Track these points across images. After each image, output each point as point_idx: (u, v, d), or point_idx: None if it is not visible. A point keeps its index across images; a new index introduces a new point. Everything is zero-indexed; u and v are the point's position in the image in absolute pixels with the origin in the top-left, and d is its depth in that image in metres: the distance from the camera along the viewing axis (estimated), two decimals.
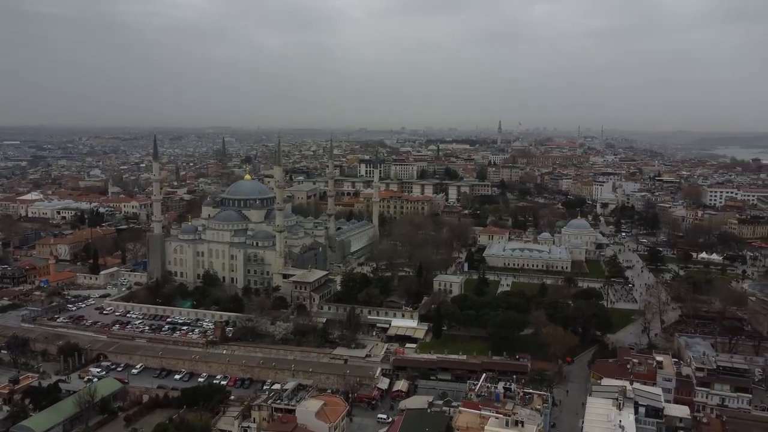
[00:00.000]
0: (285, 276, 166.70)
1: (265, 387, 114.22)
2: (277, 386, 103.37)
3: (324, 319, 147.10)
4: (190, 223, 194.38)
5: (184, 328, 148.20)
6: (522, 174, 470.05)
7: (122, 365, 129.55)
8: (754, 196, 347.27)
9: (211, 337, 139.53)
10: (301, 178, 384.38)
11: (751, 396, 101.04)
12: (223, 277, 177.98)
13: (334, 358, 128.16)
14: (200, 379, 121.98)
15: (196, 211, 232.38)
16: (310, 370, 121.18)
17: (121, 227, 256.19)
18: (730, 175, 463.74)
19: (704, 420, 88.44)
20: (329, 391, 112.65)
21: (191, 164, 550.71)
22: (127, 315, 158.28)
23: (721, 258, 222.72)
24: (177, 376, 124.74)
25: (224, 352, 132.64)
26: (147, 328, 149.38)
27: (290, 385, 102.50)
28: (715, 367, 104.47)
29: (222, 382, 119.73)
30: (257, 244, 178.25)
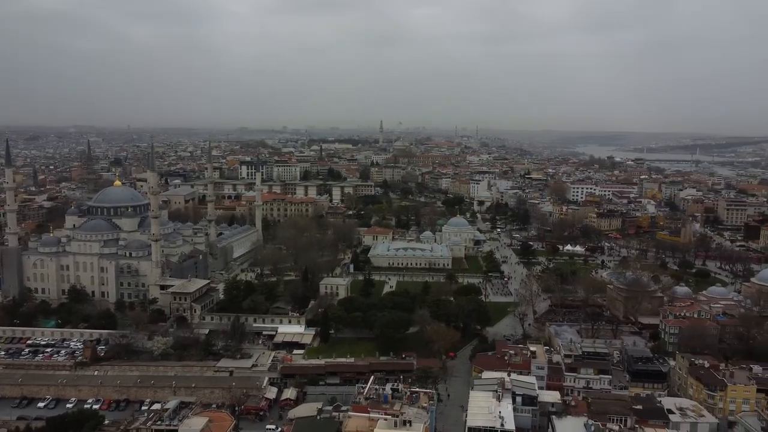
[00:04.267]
0: (163, 287, 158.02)
1: (143, 408, 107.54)
2: (157, 406, 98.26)
3: (207, 331, 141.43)
4: (52, 235, 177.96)
5: (48, 350, 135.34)
6: (404, 173, 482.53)
7: None
8: (609, 191, 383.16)
9: (80, 357, 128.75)
10: (177, 181, 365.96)
11: (610, 377, 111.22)
12: (93, 292, 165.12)
13: (218, 370, 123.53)
14: (69, 405, 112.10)
15: (58, 220, 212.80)
16: (193, 385, 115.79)
17: None
18: (589, 172, 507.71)
19: (572, 403, 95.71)
20: (214, 406, 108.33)
21: (51, 167, 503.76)
22: None
23: (583, 249, 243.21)
24: (41, 404, 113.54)
25: (96, 373, 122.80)
26: (3, 353, 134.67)
27: (171, 403, 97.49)
28: (580, 353, 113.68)
29: (94, 407, 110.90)
30: (130, 254, 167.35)
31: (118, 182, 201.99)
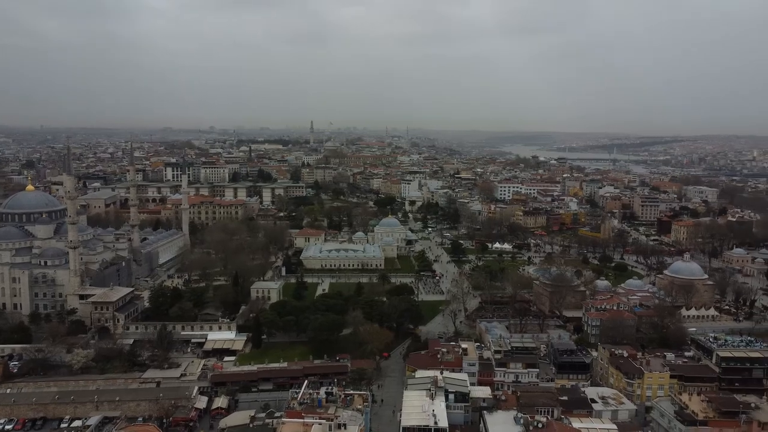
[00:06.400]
0: (82, 297, 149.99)
1: (62, 425, 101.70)
2: (77, 423, 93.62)
3: (131, 341, 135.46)
4: None
5: None
6: (335, 174, 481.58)
7: None
8: (534, 189, 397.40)
9: None
10: (97, 184, 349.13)
11: (538, 370, 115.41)
12: (4, 304, 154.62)
13: (144, 382, 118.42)
14: None
15: None
16: (117, 399, 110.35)
17: None
18: (515, 171, 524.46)
19: (503, 397, 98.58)
20: (141, 419, 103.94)
21: None
22: None
23: (511, 247, 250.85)
24: None
25: (8, 391, 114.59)
26: None
27: (93, 419, 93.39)
28: (509, 349, 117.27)
29: (6, 427, 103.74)
30: (46, 263, 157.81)
31: (30, 186, 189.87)
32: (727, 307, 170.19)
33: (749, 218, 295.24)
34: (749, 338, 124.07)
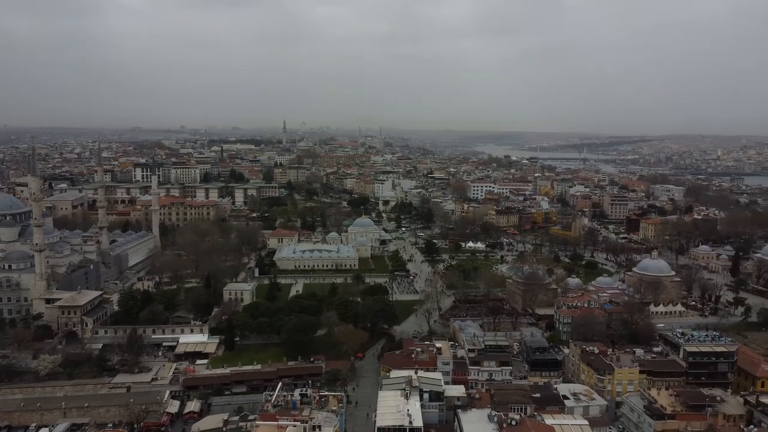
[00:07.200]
0: (48, 301, 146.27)
1: None
2: (44, 430, 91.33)
3: (100, 345, 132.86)
4: None
5: None
6: (308, 174, 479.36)
7: None
8: (507, 189, 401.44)
9: None
10: (63, 185, 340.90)
11: (511, 368, 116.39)
12: None
13: (114, 387, 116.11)
14: None
15: None
16: (86, 405, 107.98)
17: None
18: (488, 171, 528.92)
19: (477, 396, 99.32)
20: (111, 425, 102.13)
21: None
22: None
23: (484, 246, 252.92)
24: None
25: None
26: None
27: (61, 426, 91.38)
28: (483, 347, 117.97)
29: None
30: (10, 267, 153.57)
31: None
32: (693, 303, 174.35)
33: (714, 216, 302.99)
34: (715, 333, 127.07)
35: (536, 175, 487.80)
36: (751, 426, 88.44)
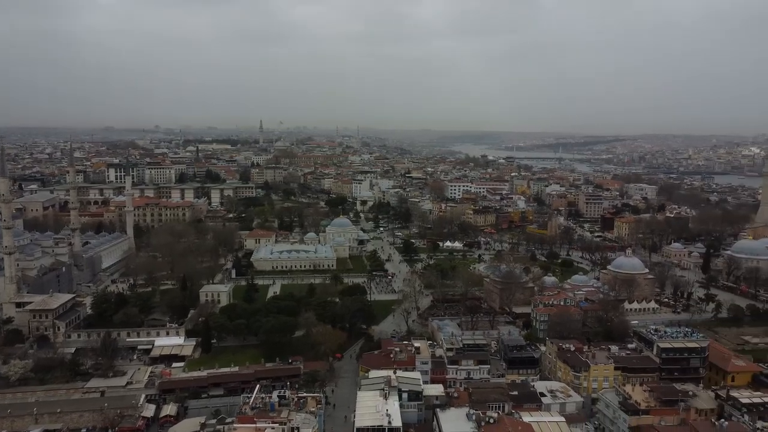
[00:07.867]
0: (19, 305, 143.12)
1: None
2: None
3: (73, 350, 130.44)
4: None
5: None
6: (285, 174, 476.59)
7: None
8: (483, 188, 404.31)
9: None
10: (34, 186, 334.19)
11: (489, 366, 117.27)
12: None
13: (87, 391, 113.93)
14: None
15: None
16: (59, 410, 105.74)
17: None
18: (465, 171, 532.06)
19: (455, 394, 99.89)
20: (84, 430, 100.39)
21: None
22: None
23: (461, 245, 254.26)
24: None
25: None
26: None
27: None
28: (461, 346, 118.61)
29: None
30: None
31: None
32: (666, 299, 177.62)
33: (685, 214, 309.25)
34: (687, 329, 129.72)
35: (513, 174, 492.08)
36: (722, 420, 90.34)
